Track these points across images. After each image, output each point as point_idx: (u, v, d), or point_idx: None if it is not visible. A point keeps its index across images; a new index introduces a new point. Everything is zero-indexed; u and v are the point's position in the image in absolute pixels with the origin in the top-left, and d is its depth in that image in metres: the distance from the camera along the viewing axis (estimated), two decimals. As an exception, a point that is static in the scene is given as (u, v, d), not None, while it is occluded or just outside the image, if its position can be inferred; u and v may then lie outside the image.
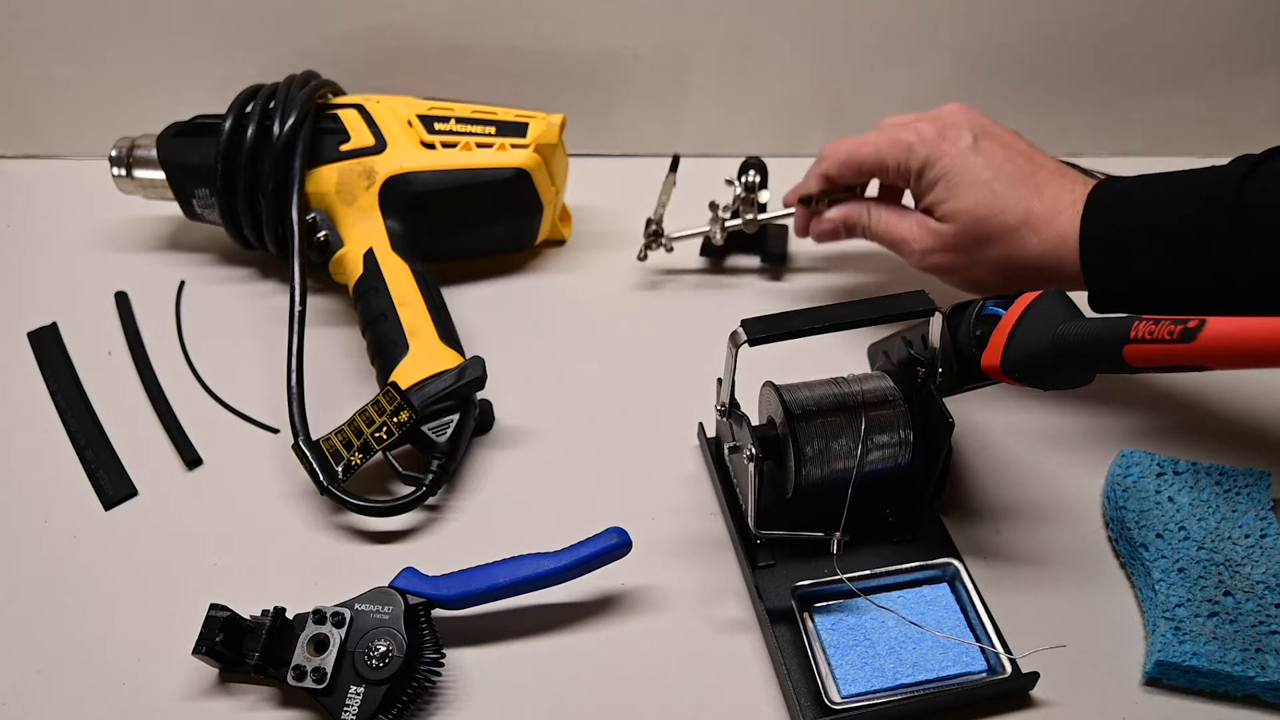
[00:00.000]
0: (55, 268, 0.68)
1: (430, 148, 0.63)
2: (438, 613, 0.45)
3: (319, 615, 0.44)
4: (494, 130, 0.64)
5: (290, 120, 0.60)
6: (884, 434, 0.47)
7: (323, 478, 0.50)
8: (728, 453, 0.49)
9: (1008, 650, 0.44)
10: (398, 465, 0.52)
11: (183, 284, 0.66)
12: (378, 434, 0.51)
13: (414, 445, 0.53)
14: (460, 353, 0.57)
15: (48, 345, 0.61)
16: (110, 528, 0.51)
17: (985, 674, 0.44)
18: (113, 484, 0.53)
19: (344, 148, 0.62)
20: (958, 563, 0.47)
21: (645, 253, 0.66)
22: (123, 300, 0.64)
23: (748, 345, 0.43)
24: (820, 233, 0.62)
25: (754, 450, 0.45)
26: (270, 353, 0.61)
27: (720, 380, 0.48)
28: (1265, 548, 0.48)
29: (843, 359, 0.56)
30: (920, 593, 0.47)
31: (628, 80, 0.76)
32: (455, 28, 0.73)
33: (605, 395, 0.59)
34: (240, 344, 0.62)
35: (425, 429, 0.52)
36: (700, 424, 0.55)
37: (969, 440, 0.56)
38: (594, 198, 0.74)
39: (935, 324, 0.45)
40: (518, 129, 0.64)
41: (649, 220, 0.66)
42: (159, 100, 0.73)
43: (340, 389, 0.58)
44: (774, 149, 0.79)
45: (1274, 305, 0.46)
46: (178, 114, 0.65)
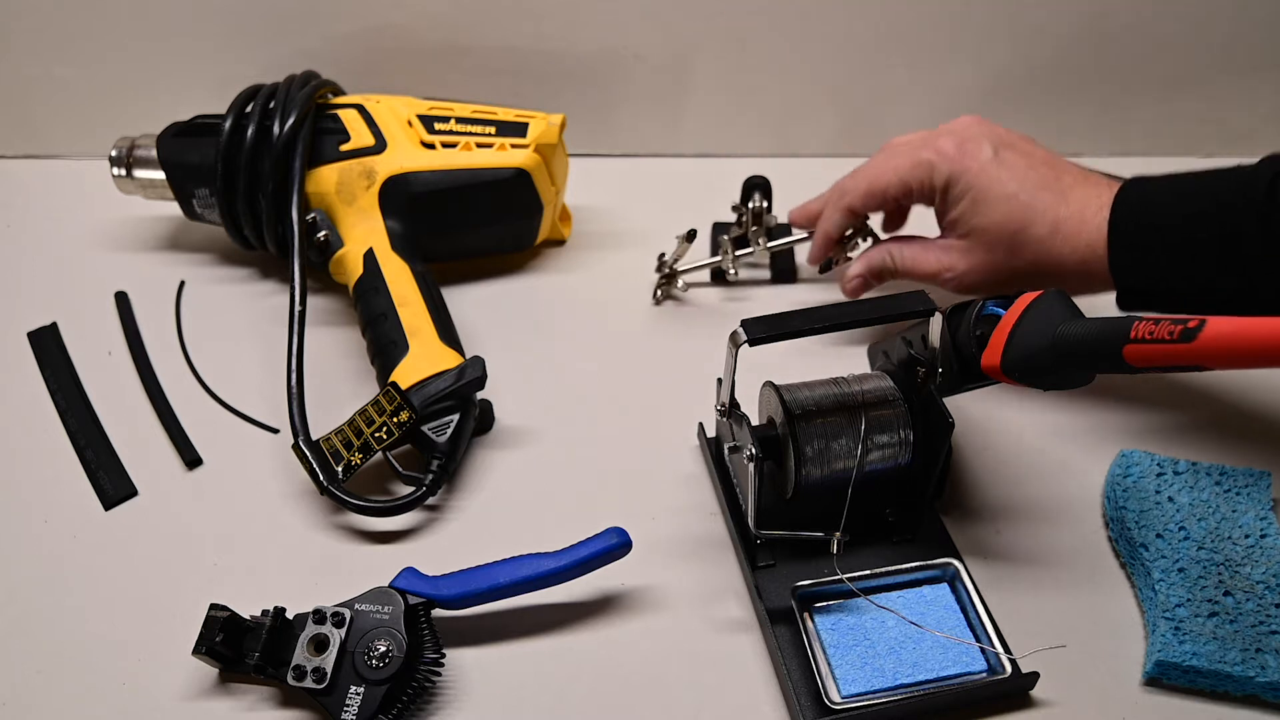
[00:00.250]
0: (55, 268, 0.68)
1: (430, 148, 0.63)
2: (438, 613, 0.45)
3: (319, 615, 0.44)
4: (494, 130, 0.64)
5: (290, 120, 0.60)
6: (884, 434, 0.47)
7: (323, 478, 0.50)
8: (728, 453, 0.49)
9: (1008, 650, 0.44)
10: (398, 465, 0.52)
11: (183, 284, 0.66)
12: (378, 434, 0.51)
13: (414, 445, 0.53)
14: (460, 353, 0.57)
15: (48, 345, 0.61)
16: (110, 528, 0.51)
17: (985, 674, 0.44)
18: (113, 484, 0.53)
19: (344, 148, 0.62)
20: (958, 563, 0.47)
21: (659, 295, 0.65)
22: (123, 300, 0.64)
23: (748, 345, 0.43)
24: (850, 290, 0.61)
25: (754, 450, 0.45)
26: (270, 353, 0.61)
27: (720, 380, 0.48)
28: (1265, 548, 0.48)
29: (843, 359, 0.56)
30: (920, 593, 0.47)
31: (628, 80, 0.76)
32: (455, 28, 0.73)
33: (605, 395, 0.59)
34: (240, 344, 0.62)
35: (425, 429, 0.52)
36: (700, 424, 0.55)
37: (969, 440, 0.56)
38: (594, 198, 0.74)
39: (935, 324, 0.45)
40: (518, 129, 0.64)
41: (661, 260, 0.65)
42: (159, 100, 0.73)
43: (340, 389, 0.58)
44: (774, 149, 0.79)
45: None
46: (178, 114, 0.65)
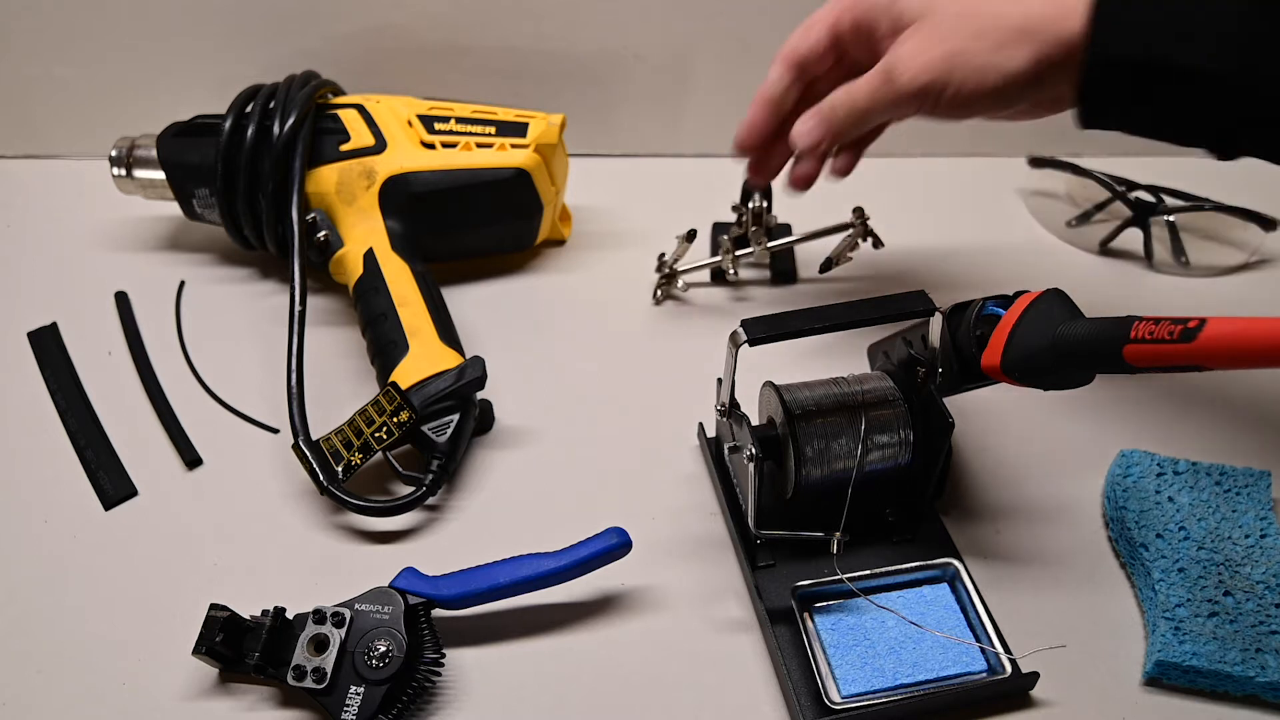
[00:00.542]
0: (55, 268, 0.68)
1: (430, 148, 0.63)
2: (438, 613, 0.45)
3: (319, 615, 0.44)
4: (494, 130, 0.64)
5: (290, 120, 0.60)
6: (884, 434, 0.47)
7: (323, 478, 0.50)
8: (728, 453, 0.49)
9: (1008, 650, 0.44)
10: (398, 465, 0.52)
11: (183, 284, 0.66)
12: (378, 434, 0.51)
13: (414, 445, 0.53)
14: (460, 353, 0.57)
15: (48, 345, 0.61)
16: (110, 528, 0.51)
17: (985, 674, 0.44)
18: (113, 484, 0.53)
19: (344, 148, 0.62)
20: (958, 563, 0.47)
21: (660, 295, 0.65)
22: (123, 300, 0.64)
23: (748, 345, 0.43)
24: (799, 176, 0.56)
25: (754, 450, 0.45)
26: (270, 353, 0.61)
27: (720, 380, 0.48)
28: (1265, 548, 0.48)
29: (843, 359, 0.56)
30: (920, 593, 0.47)
31: (628, 80, 0.76)
32: (455, 28, 0.73)
33: (605, 395, 0.59)
34: (240, 344, 0.62)
35: (425, 429, 0.52)
36: (700, 424, 0.55)
37: (969, 440, 0.56)
38: (594, 198, 0.74)
39: (935, 324, 0.45)
40: (518, 129, 0.64)
41: (661, 260, 0.65)
42: (159, 100, 0.73)
43: (340, 389, 0.58)
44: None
45: None
46: (178, 114, 0.65)
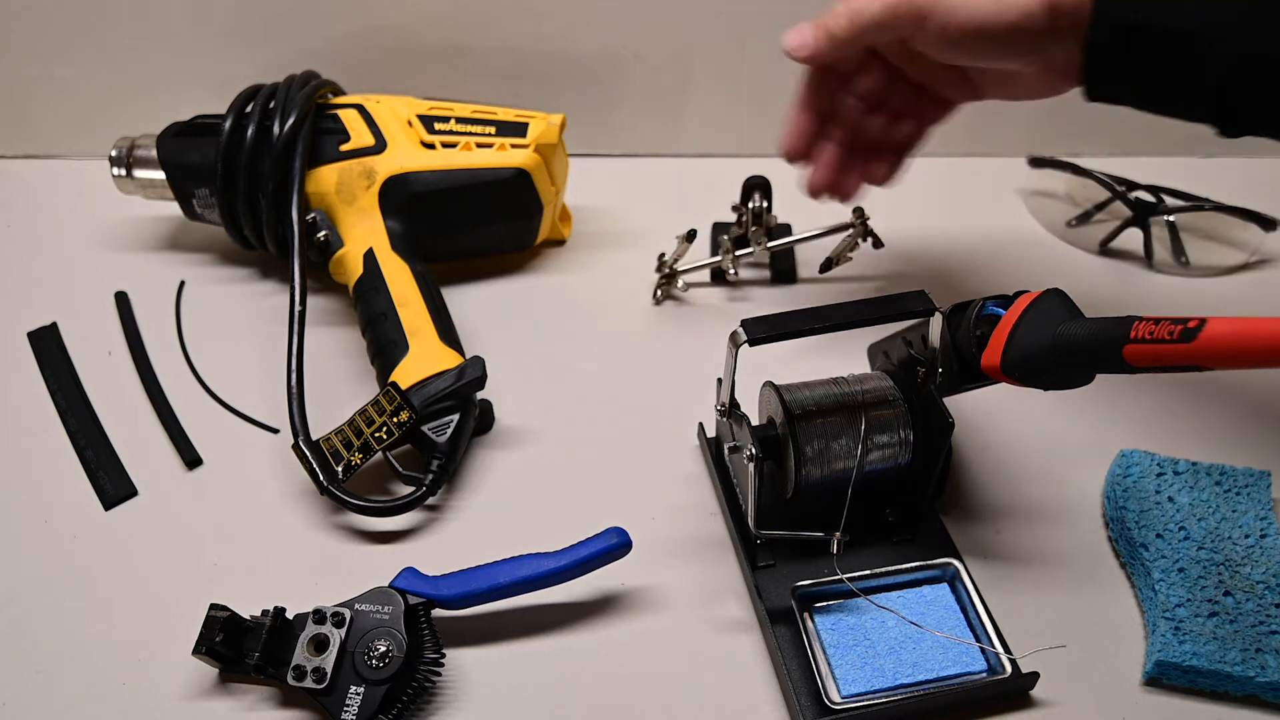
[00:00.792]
0: (55, 268, 0.68)
1: (430, 148, 0.63)
2: (438, 613, 0.45)
3: (319, 615, 0.44)
4: (494, 130, 0.64)
5: (290, 120, 0.60)
6: (884, 434, 0.47)
7: (323, 478, 0.50)
8: (728, 453, 0.49)
9: (1008, 650, 0.44)
10: (398, 465, 0.52)
11: (183, 284, 0.66)
12: (378, 434, 0.51)
13: (414, 445, 0.53)
14: (460, 353, 0.57)
15: (48, 345, 0.61)
16: (110, 528, 0.51)
17: (985, 674, 0.44)
18: (113, 484, 0.53)
19: (344, 148, 0.62)
20: (958, 563, 0.47)
21: (660, 295, 0.65)
22: (123, 300, 0.64)
23: (748, 345, 0.43)
24: (889, 165, 0.56)
25: (754, 450, 0.45)
26: (270, 353, 0.61)
27: (720, 380, 0.48)
28: (1265, 548, 0.48)
29: (843, 359, 0.55)
30: (920, 593, 0.47)
31: (628, 80, 0.76)
32: (455, 28, 0.73)
33: (605, 395, 0.59)
34: (240, 344, 0.62)
35: (425, 429, 0.52)
36: (700, 424, 0.55)
37: (969, 440, 0.56)
38: (594, 198, 0.74)
39: (935, 324, 0.45)
40: (518, 129, 0.64)
41: (661, 260, 0.65)
42: (159, 100, 0.73)
43: (340, 389, 0.58)
44: (774, 149, 0.78)
45: None
46: (178, 114, 0.65)
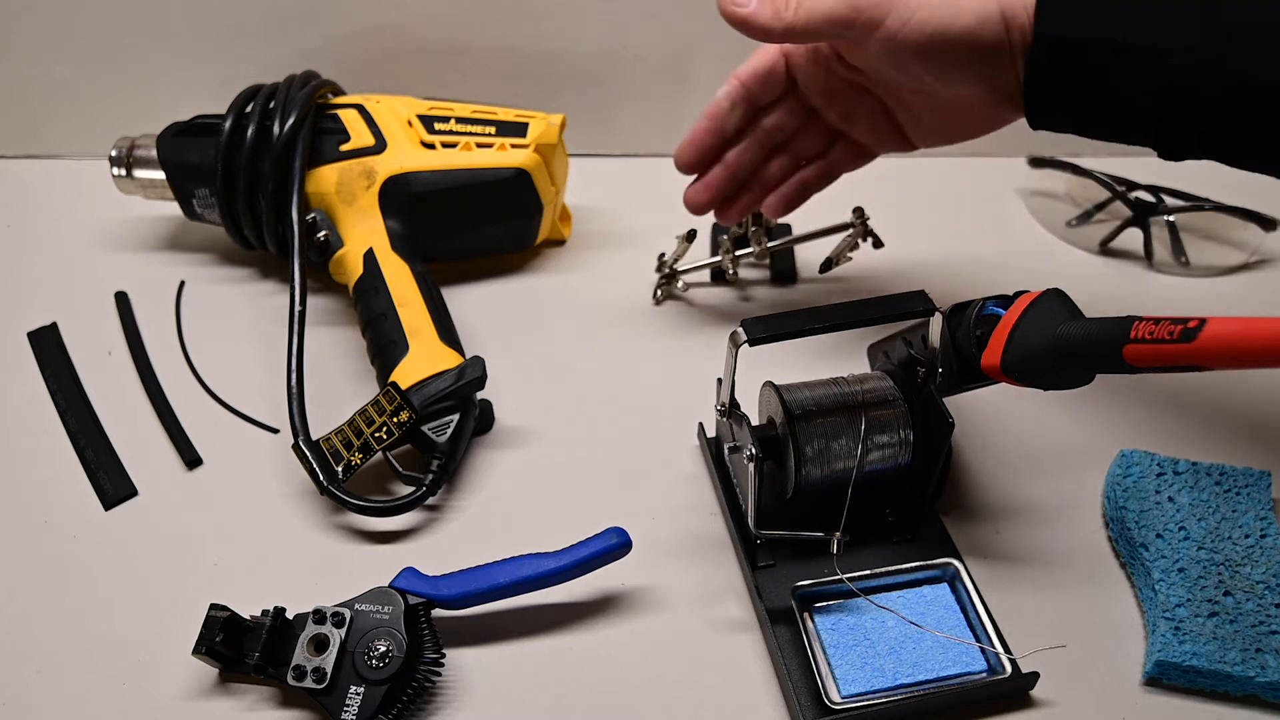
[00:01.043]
0: (55, 268, 0.68)
1: (430, 148, 0.63)
2: (438, 613, 0.45)
3: (319, 615, 0.44)
4: (494, 130, 0.64)
5: (290, 120, 0.60)
6: (884, 434, 0.47)
7: (323, 478, 0.50)
8: (728, 453, 0.49)
9: (1008, 650, 0.44)
10: (398, 465, 0.52)
11: (183, 284, 0.66)
12: (378, 434, 0.51)
13: (414, 445, 0.53)
14: (460, 353, 0.57)
15: (48, 345, 0.61)
16: (110, 528, 0.51)
17: (985, 674, 0.44)
18: (113, 484, 0.53)
19: (344, 148, 0.62)
20: (958, 563, 0.47)
21: (660, 295, 0.65)
22: (123, 300, 0.64)
23: (748, 345, 0.43)
24: (781, 199, 0.58)
25: (754, 450, 0.45)
26: (270, 353, 0.61)
27: (720, 380, 0.48)
28: (1265, 548, 0.48)
29: (843, 359, 0.56)
30: (920, 593, 0.47)
31: (628, 80, 0.76)
32: (455, 28, 0.73)
33: (605, 395, 0.59)
34: (240, 344, 0.62)
35: (425, 429, 0.52)
36: (700, 424, 0.55)
37: (969, 440, 0.56)
38: (594, 198, 0.74)
39: (935, 324, 0.45)
40: (518, 129, 0.64)
41: (661, 260, 0.65)
42: (159, 100, 0.73)
43: (340, 389, 0.58)
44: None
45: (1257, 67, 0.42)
46: (178, 114, 0.65)
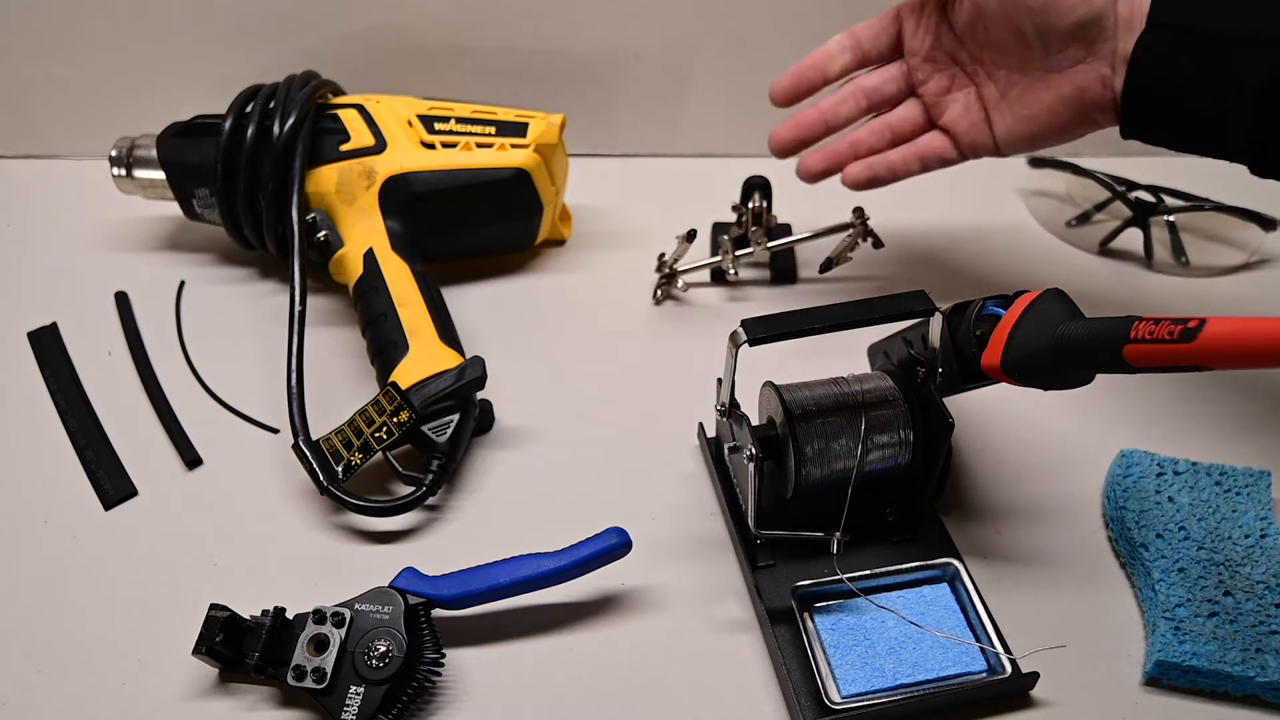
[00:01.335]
0: (55, 268, 0.68)
1: (430, 148, 0.63)
2: (438, 613, 0.45)
3: (319, 615, 0.44)
4: (494, 130, 0.64)
5: (290, 120, 0.60)
6: (884, 434, 0.47)
7: (323, 478, 0.50)
8: (728, 453, 0.49)
9: (1008, 650, 0.44)
10: (398, 465, 0.52)
11: (183, 284, 0.66)
12: (378, 434, 0.51)
13: (414, 445, 0.53)
14: (460, 353, 0.57)
15: (48, 345, 0.61)
16: (110, 528, 0.51)
17: (985, 674, 0.44)
18: (113, 484, 0.53)
19: (344, 148, 0.62)
20: (958, 563, 0.47)
21: (660, 295, 0.65)
22: (123, 300, 0.64)
23: (748, 345, 0.43)
24: (866, 169, 0.58)
25: (754, 450, 0.45)
26: (270, 353, 0.61)
27: (720, 380, 0.48)
28: (1265, 548, 0.48)
29: (843, 359, 0.55)
30: (920, 593, 0.47)
31: (628, 80, 0.76)
32: (455, 28, 0.73)
33: (605, 395, 0.59)
34: (240, 344, 0.62)
35: (425, 429, 0.52)
36: (700, 424, 0.55)
37: (969, 440, 0.56)
38: (594, 198, 0.74)
39: (935, 324, 0.45)
40: (518, 129, 0.64)
41: (661, 260, 0.65)
42: (159, 100, 0.73)
43: (340, 389, 0.58)
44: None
45: None
46: (178, 114, 0.65)
